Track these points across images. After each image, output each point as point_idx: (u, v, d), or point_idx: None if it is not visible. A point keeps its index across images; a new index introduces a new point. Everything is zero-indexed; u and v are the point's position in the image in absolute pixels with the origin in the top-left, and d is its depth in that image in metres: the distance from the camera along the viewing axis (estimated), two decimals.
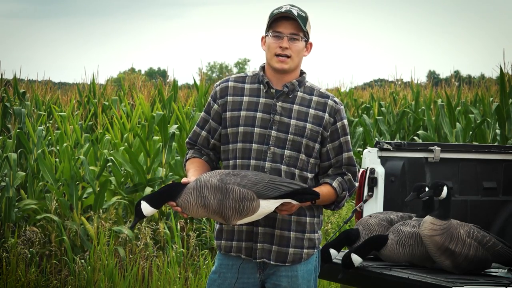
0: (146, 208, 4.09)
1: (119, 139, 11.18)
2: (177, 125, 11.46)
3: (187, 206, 4.05)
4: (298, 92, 4.32)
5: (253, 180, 4.04)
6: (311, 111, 4.29)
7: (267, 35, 4.32)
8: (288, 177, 4.23)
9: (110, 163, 10.49)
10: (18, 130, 10.59)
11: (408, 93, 18.26)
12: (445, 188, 5.35)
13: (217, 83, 4.43)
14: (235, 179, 4.04)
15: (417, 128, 15.55)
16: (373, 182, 6.11)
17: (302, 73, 4.38)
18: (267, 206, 4.05)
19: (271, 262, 4.26)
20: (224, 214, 4.03)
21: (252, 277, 4.30)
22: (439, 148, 6.30)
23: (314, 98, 4.33)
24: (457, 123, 13.76)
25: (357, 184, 4.38)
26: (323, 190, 4.26)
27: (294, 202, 4.10)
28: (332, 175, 4.33)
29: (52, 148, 10.94)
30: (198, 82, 14.57)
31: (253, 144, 4.25)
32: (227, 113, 4.32)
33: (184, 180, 4.12)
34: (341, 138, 4.33)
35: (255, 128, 4.26)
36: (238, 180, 4.03)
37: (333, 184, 4.29)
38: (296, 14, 4.26)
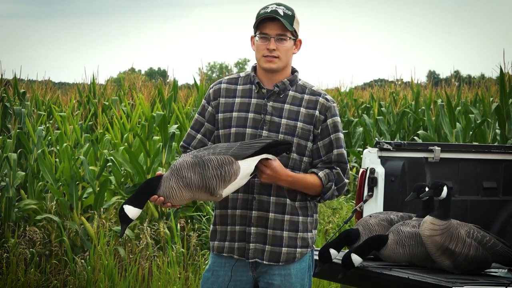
0: (131, 211, 4.05)
1: (119, 139, 11.18)
2: (177, 125, 11.47)
3: (170, 192, 4.04)
4: (290, 91, 4.32)
5: (225, 147, 4.09)
6: (302, 109, 4.29)
7: (255, 36, 4.32)
8: None
9: (110, 163, 10.49)
10: (18, 130, 10.60)
11: (408, 93, 18.27)
12: (445, 188, 5.35)
13: (211, 85, 4.45)
14: (208, 151, 4.09)
15: (417, 128, 15.55)
16: (373, 182, 6.11)
17: (294, 71, 4.38)
18: (247, 166, 4.08)
19: (264, 262, 4.27)
20: (209, 186, 4.03)
21: (245, 275, 4.31)
22: (439, 148, 6.30)
23: (306, 96, 4.32)
24: (457, 123, 13.76)
25: (346, 180, 4.36)
26: (307, 177, 4.25)
27: (270, 156, 4.11)
28: (320, 167, 4.32)
29: (52, 148, 10.94)
30: (198, 82, 14.58)
31: None
32: (220, 114, 4.33)
33: (159, 172, 4.13)
34: (331, 135, 4.32)
35: (247, 129, 4.27)
36: (211, 151, 4.08)
37: (319, 174, 4.27)
38: (282, 14, 4.24)
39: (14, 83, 13.64)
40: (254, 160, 4.09)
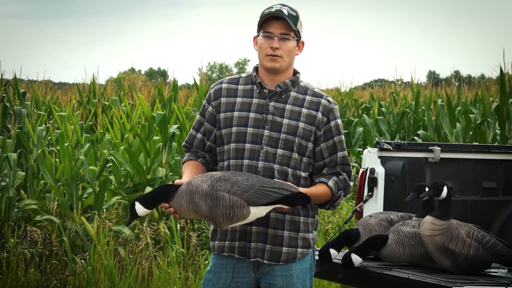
0: (140, 209, 4.14)
1: (119, 139, 11.18)
2: (177, 125, 11.46)
3: (179, 210, 4.10)
4: (292, 92, 4.33)
5: (243, 187, 4.06)
6: (304, 110, 4.30)
7: (258, 35, 4.33)
8: (281, 176, 4.24)
9: (110, 163, 10.49)
10: (18, 130, 10.60)
11: (408, 93, 18.28)
12: (445, 188, 5.35)
13: (212, 85, 4.45)
14: (226, 185, 4.06)
15: (417, 128, 15.55)
16: (373, 182, 6.11)
17: (295, 72, 4.38)
18: (257, 212, 4.09)
19: (265, 261, 4.27)
20: (215, 220, 4.07)
21: (246, 276, 4.31)
22: (439, 148, 6.30)
23: (308, 97, 4.33)
24: (457, 123, 13.76)
25: (351, 183, 4.39)
26: (319, 189, 4.28)
27: (284, 206, 4.13)
28: (327, 174, 4.33)
29: (52, 148, 10.94)
30: (198, 82, 14.58)
31: (246, 144, 4.26)
32: (221, 114, 4.34)
33: (177, 181, 4.14)
34: (335, 138, 4.33)
35: (248, 128, 4.27)
36: (228, 187, 4.05)
37: (328, 184, 4.29)
38: (286, 14, 4.26)
39: (14, 83, 13.63)
40: (266, 209, 4.10)
